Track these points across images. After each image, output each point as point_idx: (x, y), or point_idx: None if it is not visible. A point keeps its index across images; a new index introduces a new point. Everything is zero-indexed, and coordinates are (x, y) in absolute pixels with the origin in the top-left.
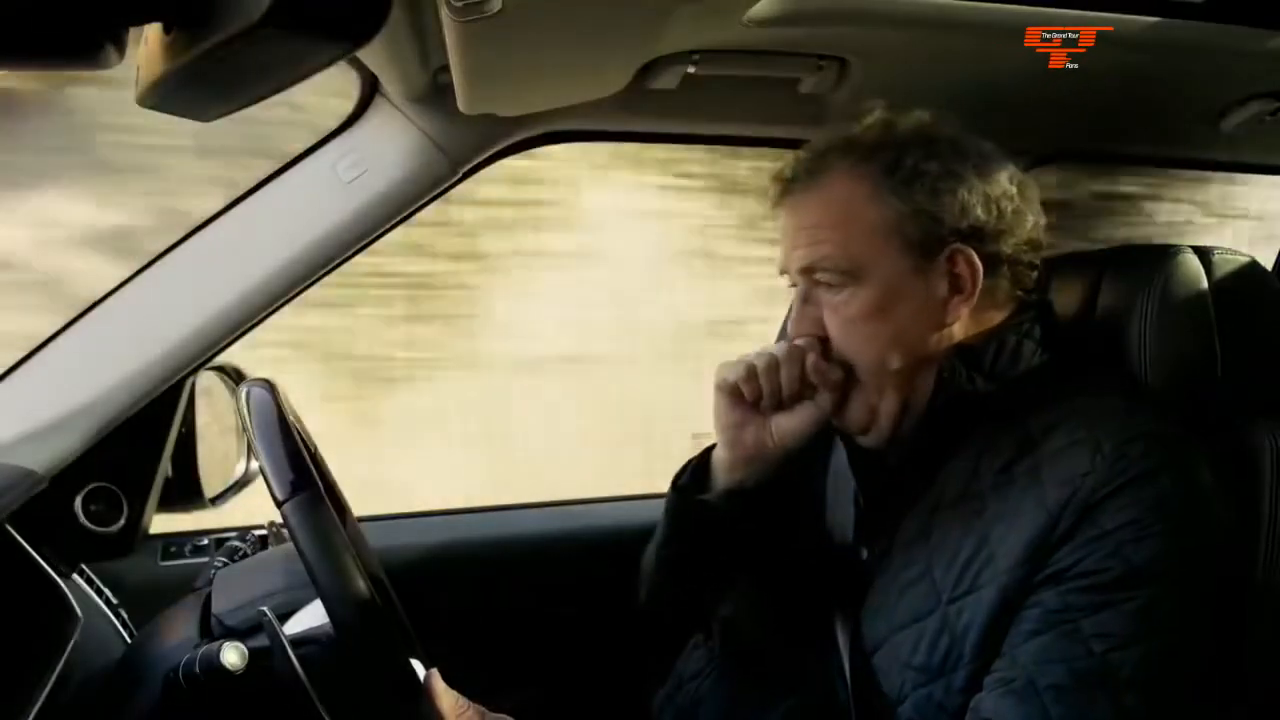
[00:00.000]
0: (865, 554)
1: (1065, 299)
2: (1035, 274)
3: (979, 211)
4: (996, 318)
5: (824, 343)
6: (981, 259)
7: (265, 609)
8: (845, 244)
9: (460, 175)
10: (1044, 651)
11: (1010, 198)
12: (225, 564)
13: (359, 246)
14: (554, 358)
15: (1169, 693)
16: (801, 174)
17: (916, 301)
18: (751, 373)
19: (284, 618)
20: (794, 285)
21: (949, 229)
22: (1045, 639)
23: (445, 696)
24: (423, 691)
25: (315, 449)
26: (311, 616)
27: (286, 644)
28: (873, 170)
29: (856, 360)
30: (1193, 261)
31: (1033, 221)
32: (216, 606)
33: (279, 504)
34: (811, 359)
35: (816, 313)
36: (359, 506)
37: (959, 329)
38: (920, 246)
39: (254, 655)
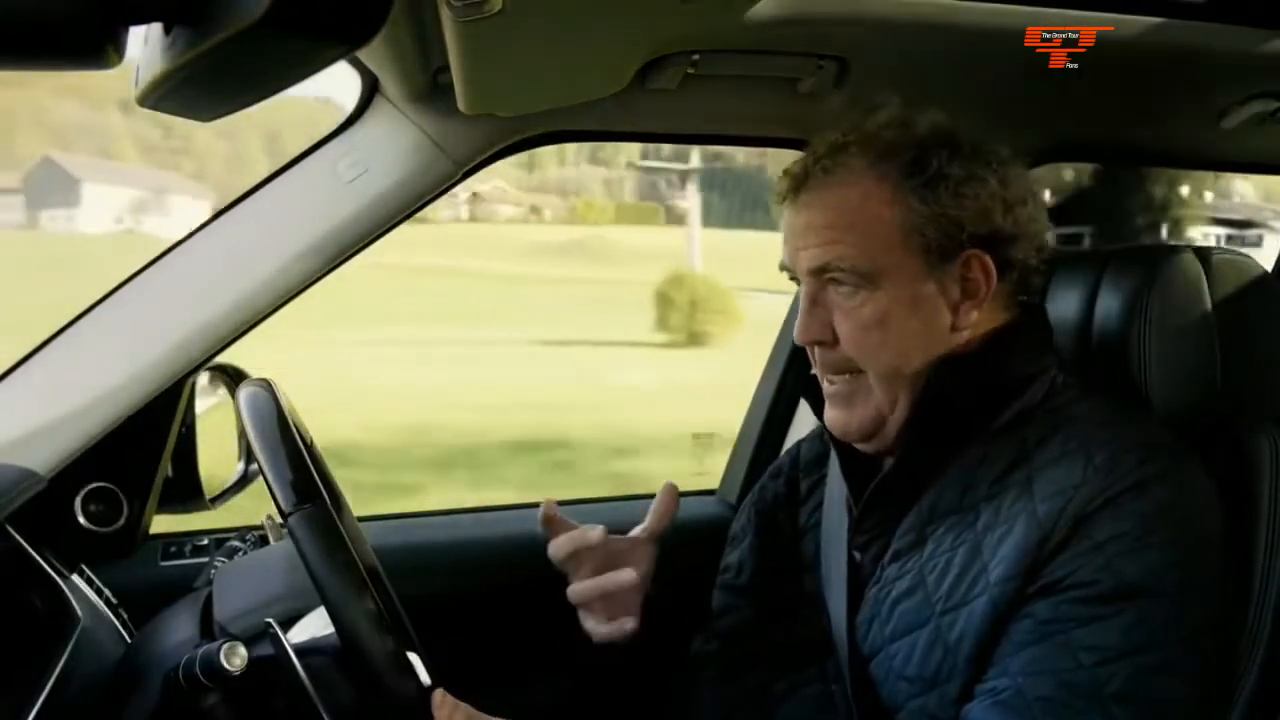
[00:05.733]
0: (859, 558)
1: (1065, 300)
2: (1038, 279)
3: (998, 217)
4: (994, 323)
5: (833, 347)
6: (995, 263)
7: (271, 620)
8: (863, 245)
9: (460, 175)
10: (1034, 662)
11: (1025, 203)
12: (225, 564)
13: (359, 246)
14: None
15: (1160, 706)
16: (816, 170)
17: (930, 306)
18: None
19: (286, 624)
20: (796, 282)
21: (967, 234)
22: (1036, 650)
23: (454, 710)
24: (429, 709)
25: (312, 443)
26: (315, 625)
27: (293, 656)
28: (893, 170)
29: (870, 366)
30: (1192, 262)
31: (1042, 226)
32: (218, 612)
33: (284, 516)
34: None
35: (825, 316)
36: None
37: (966, 333)
38: (938, 250)
39: (259, 664)
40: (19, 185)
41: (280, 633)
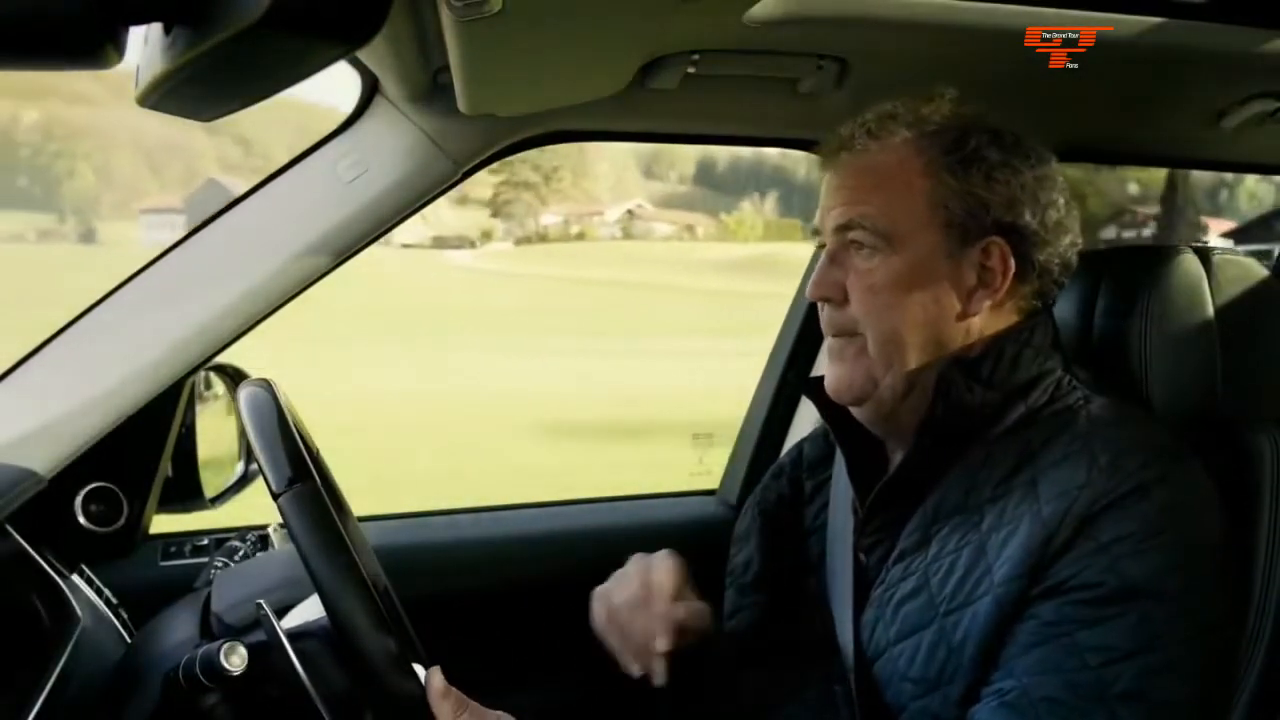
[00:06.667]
0: (864, 559)
1: (1065, 300)
2: (1056, 292)
3: (1025, 210)
4: (1004, 324)
5: (841, 307)
6: (1015, 260)
7: (261, 602)
8: (888, 207)
9: (460, 175)
10: (1039, 663)
11: (1057, 208)
12: (225, 564)
13: (359, 246)
14: None
15: (1165, 706)
16: (860, 133)
17: (942, 284)
18: (609, 616)
19: (282, 613)
20: (823, 246)
21: (992, 219)
22: (1041, 651)
23: (446, 695)
24: (423, 689)
25: (316, 450)
26: (309, 611)
27: (284, 637)
28: (933, 144)
29: (870, 328)
30: (1193, 262)
31: (1071, 239)
32: (215, 604)
33: (275, 496)
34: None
35: (840, 275)
36: None
37: (976, 325)
38: (960, 228)
39: (253, 653)
40: (180, 205)
41: (271, 615)
